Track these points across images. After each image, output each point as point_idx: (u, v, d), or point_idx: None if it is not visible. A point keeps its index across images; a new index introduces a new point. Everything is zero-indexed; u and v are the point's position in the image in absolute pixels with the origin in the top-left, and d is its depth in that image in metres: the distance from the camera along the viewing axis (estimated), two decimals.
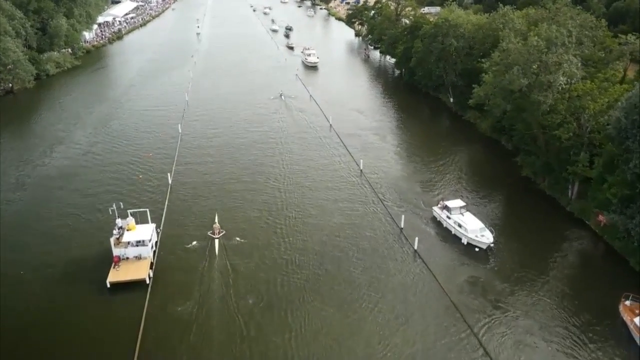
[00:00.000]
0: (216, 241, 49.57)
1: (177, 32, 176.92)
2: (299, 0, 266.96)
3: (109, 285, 42.71)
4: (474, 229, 49.09)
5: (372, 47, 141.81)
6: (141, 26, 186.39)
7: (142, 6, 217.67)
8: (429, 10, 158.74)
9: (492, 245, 48.33)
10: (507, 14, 77.15)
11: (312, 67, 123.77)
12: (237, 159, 69.44)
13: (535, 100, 54.53)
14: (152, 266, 45.17)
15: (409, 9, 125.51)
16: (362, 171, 65.51)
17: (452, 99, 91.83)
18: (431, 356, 36.86)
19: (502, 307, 41.57)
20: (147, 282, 43.34)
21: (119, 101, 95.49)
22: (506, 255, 48.41)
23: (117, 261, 44.84)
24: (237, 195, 58.87)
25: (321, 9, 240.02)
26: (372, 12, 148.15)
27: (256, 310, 40.65)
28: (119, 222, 47.63)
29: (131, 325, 38.72)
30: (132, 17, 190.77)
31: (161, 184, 60.90)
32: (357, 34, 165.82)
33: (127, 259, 45.31)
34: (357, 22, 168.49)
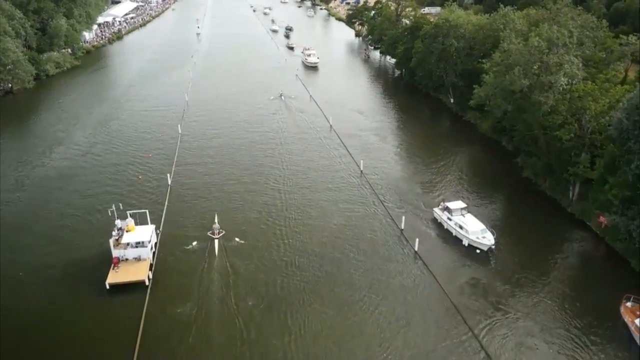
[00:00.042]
0: (216, 241, 49.40)
1: (177, 32, 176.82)
2: (299, 0, 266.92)
3: (108, 286, 42.50)
4: (475, 230, 48.93)
5: (372, 48, 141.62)
6: (141, 26, 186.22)
7: (142, 6, 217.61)
8: (429, 10, 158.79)
9: (493, 247, 48.15)
10: (507, 14, 76.87)
11: (312, 68, 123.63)
12: (237, 160, 69.26)
13: (536, 101, 54.36)
14: (151, 267, 44.99)
15: (409, 10, 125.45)
16: (362, 172, 65.32)
17: (452, 100, 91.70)
18: (432, 359, 36.68)
19: (503, 308, 41.48)
20: (147, 283, 43.18)
21: (118, 101, 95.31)
22: (507, 256, 48.26)
23: (117, 262, 44.65)
24: (237, 196, 58.69)
25: (321, 9, 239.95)
26: (373, 12, 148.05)
27: (256, 311, 40.50)
28: (119, 223, 47.48)
29: (130, 327, 38.55)
30: (132, 18, 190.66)
31: (161, 185, 60.71)
32: (357, 35, 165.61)
33: (127, 260, 45.12)
34: (357, 23, 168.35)
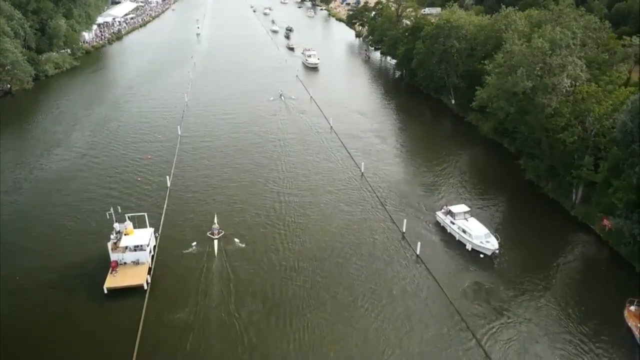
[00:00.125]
0: (215, 242, 49.03)
1: (177, 32, 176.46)
2: (299, 0, 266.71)
3: (106, 291, 41.99)
4: (479, 234, 48.35)
5: (373, 48, 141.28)
6: (141, 27, 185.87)
7: (142, 7, 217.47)
8: (430, 11, 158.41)
9: (497, 251, 47.58)
10: (509, 15, 76.40)
11: (312, 68, 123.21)
12: (237, 162, 68.73)
13: (539, 103, 53.88)
14: (150, 271, 44.45)
15: (409, 10, 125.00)
16: (363, 174, 64.80)
17: (453, 101, 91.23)
18: None
19: (506, 313, 41.00)
20: (145, 287, 42.67)
21: (117, 102, 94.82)
22: (510, 260, 47.75)
23: (115, 266, 44.13)
24: (236, 198, 58.16)
25: (321, 9, 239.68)
26: (373, 13, 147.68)
27: (255, 316, 39.99)
28: (117, 226, 46.97)
29: (128, 332, 38.05)
30: (132, 18, 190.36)
31: (160, 187, 60.15)
32: (358, 35, 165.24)
33: (125, 264, 44.61)
34: (357, 23, 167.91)
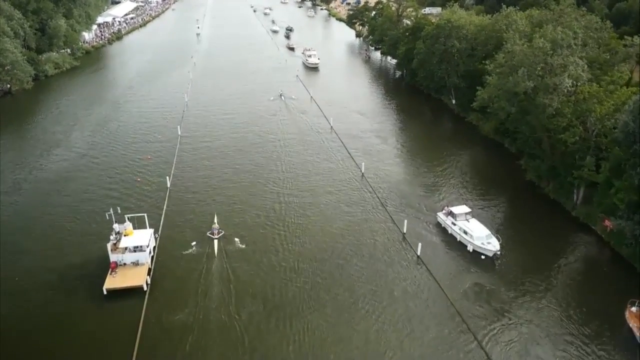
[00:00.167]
0: (215, 242, 48.88)
1: (177, 32, 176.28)
2: (299, 0, 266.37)
3: (105, 292, 41.81)
4: (480, 236, 48.05)
5: (373, 48, 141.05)
6: (141, 27, 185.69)
7: (142, 6, 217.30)
8: (430, 10, 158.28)
9: (498, 252, 47.26)
10: (510, 15, 76.17)
11: (312, 68, 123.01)
12: (237, 162, 68.53)
13: (540, 103, 53.65)
14: (149, 272, 44.24)
15: (410, 10, 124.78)
16: (363, 174, 64.60)
17: (454, 101, 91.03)
18: None
19: (507, 315, 40.80)
20: (145, 288, 42.47)
21: (117, 102, 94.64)
22: (511, 261, 47.52)
23: (114, 267, 43.94)
24: (236, 199, 57.95)
25: (322, 9, 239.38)
26: (373, 12, 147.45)
27: (256, 318, 39.79)
28: (116, 227, 46.78)
29: (128, 333, 37.85)
30: (132, 18, 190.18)
31: (159, 188, 59.94)
32: (358, 35, 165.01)
33: (125, 265, 44.43)
34: (358, 23, 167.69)
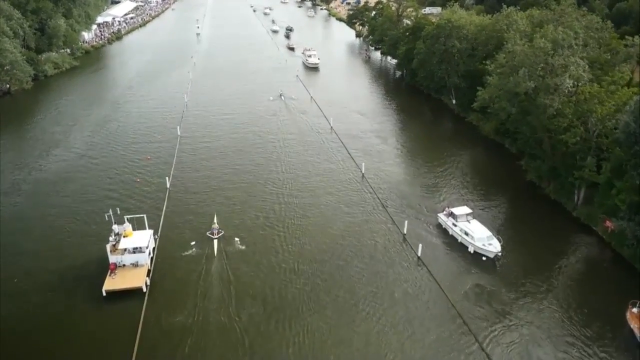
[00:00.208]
0: (215, 242, 48.74)
1: (177, 32, 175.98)
2: (299, 0, 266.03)
3: (104, 293, 41.59)
4: (481, 237, 47.76)
5: (373, 48, 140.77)
6: (141, 26, 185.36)
7: (141, 6, 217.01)
8: (430, 10, 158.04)
9: (499, 254, 46.98)
10: (511, 15, 75.97)
11: (312, 68, 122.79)
12: (236, 163, 68.32)
13: (541, 103, 53.46)
14: (149, 274, 44.05)
15: (410, 10, 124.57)
16: (364, 175, 64.41)
17: (454, 101, 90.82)
18: None
19: (508, 316, 40.66)
20: (144, 290, 42.27)
21: (117, 103, 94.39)
22: (511, 262, 47.33)
23: (113, 269, 43.72)
24: (236, 200, 57.74)
25: (322, 9, 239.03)
26: (373, 12, 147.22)
27: (255, 320, 39.61)
28: (116, 228, 46.63)
29: (127, 335, 37.66)
30: (132, 18, 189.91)
31: (159, 189, 59.72)
32: (358, 35, 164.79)
33: (124, 266, 44.22)
34: (358, 23, 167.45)
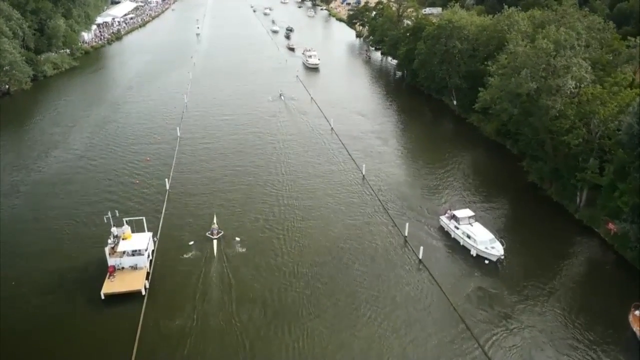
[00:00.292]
0: (214, 242, 48.41)
1: (177, 32, 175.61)
2: (299, 0, 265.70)
3: (103, 296, 41.24)
4: (484, 240, 47.27)
5: (374, 49, 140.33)
6: (140, 27, 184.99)
7: (141, 7, 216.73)
8: (431, 11, 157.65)
9: (502, 257, 46.53)
10: (512, 15, 75.61)
11: (313, 69, 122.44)
12: (236, 164, 67.96)
13: (543, 104, 53.10)
14: (148, 276, 43.72)
15: (410, 10, 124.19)
16: (364, 176, 64.04)
17: (455, 102, 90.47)
18: None
19: (510, 320, 40.31)
20: (143, 293, 41.94)
21: (116, 103, 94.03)
22: (513, 264, 46.95)
23: (112, 271, 43.36)
24: (236, 202, 57.36)
25: (322, 9, 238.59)
26: (374, 13, 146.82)
27: (255, 323, 39.26)
28: (115, 230, 46.32)
29: (126, 338, 37.34)
30: (132, 18, 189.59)
31: (158, 191, 59.34)
32: (358, 35, 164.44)
33: (123, 269, 43.86)
34: (358, 23, 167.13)
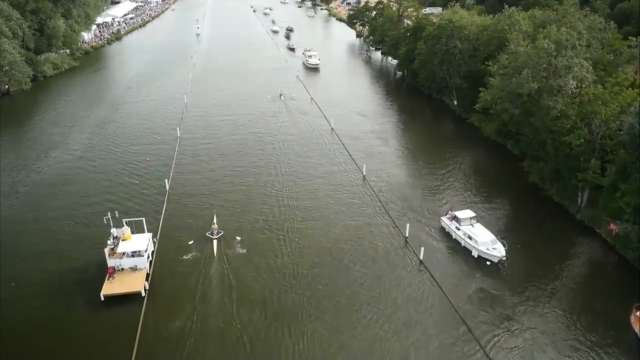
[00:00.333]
0: (214, 242, 48.24)
1: (177, 32, 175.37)
2: (299, 0, 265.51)
3: (102, 298, 41.05)
4: (485, 241, 47.01)
5: (374, 49, 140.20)
6: (140, 27, 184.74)
7: (141, 7, 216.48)
8: (431, 10, 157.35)
9: (504, 258, 46.28)
10: (512, 15, 75.42)
11: (313, 69, 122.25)
12: (236, 164, 67.78)
13: (544, 104, 52.91)
14: (148, 278, 43.56)
15: (411, 10, 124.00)
16: (365, 177, 63.86)
17: (455, 102, 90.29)
18: None
19: (512, 321, 40.12)
20: (143, 294, 41.75)
21: (116, 103, 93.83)
22: (515, 265, 46.78)
23: (112, 272, 43.15)
24: (236, 203, 57.15)
25: (322, 9, 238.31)
26: (374, 13, 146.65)
27: (255, 325, 39.08)
28: (114, 231, 46.10)
29: (126, 340, 37.16)
30: (132, 18, 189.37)
31: (158, 191, 59.14)
32: (358, 35, 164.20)
33: (122, 270, 43.63)
34: (358, 23, 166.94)
